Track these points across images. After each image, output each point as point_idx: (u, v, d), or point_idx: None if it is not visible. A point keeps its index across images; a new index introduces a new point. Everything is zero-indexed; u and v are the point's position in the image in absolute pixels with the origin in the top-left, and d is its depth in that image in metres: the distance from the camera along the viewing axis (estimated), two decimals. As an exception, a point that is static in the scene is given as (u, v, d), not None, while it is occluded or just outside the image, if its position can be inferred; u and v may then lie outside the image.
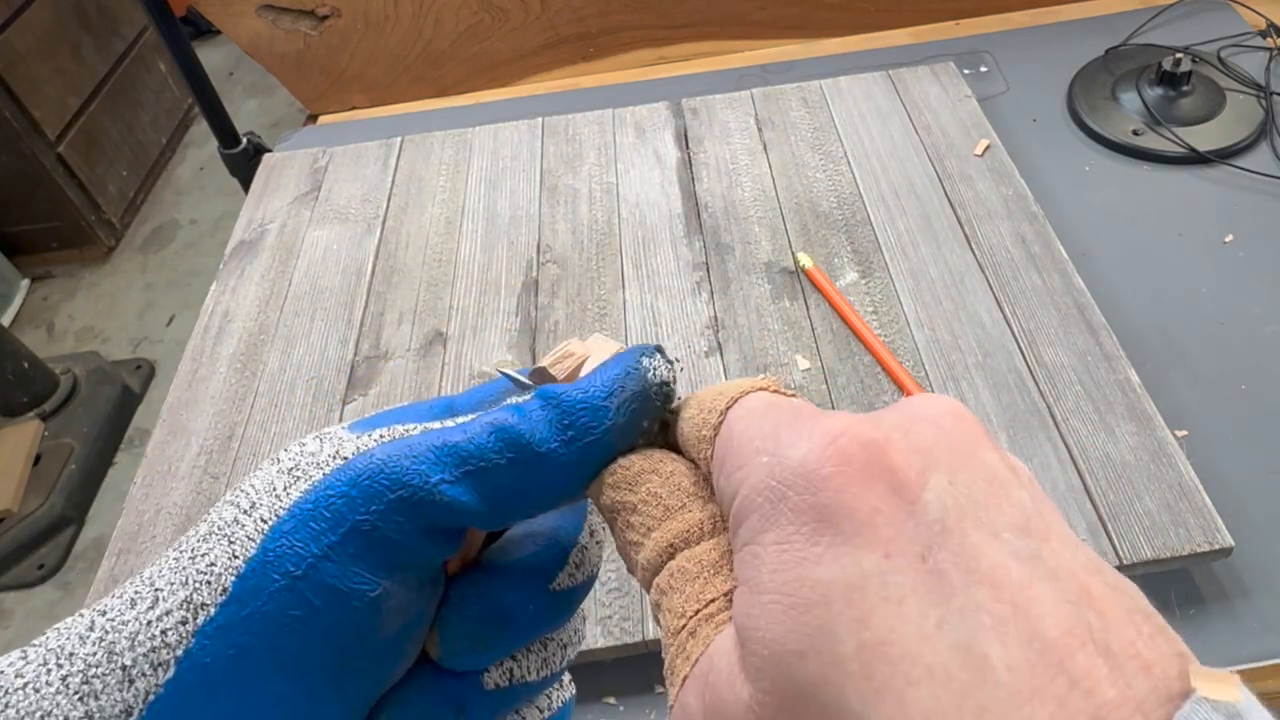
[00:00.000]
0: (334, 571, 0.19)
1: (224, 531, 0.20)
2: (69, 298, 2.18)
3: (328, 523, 0.19)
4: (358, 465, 0.20)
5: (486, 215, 0.78)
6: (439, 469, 0.20)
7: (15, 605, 1.58)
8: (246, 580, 0.19)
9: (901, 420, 0.18)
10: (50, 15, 2.15)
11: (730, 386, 0.22)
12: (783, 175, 0.77)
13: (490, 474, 0.20)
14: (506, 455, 0.20)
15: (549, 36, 1.00)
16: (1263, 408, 0.59)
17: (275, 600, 0.19)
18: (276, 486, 0.20)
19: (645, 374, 0.22)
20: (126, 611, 0.19)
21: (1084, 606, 0.15)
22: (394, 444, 0.21)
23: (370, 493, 0.20)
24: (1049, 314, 0.62)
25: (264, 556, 0.19)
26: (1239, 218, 0.71)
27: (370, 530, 0.19)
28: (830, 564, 0.16)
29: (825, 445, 0.18)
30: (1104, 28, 0.90)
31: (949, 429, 0.18)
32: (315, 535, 0.19)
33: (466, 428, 0.21)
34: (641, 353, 0.22)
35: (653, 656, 0.51)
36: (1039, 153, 0.79)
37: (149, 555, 0.58)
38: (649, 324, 0.67)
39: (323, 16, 0.96)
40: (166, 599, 0.19)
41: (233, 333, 0.72)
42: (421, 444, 0.20)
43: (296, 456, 0.21)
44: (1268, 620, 0.50)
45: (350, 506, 0.20)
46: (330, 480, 0.20)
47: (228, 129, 0.98)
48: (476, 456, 0.20)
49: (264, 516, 0.20)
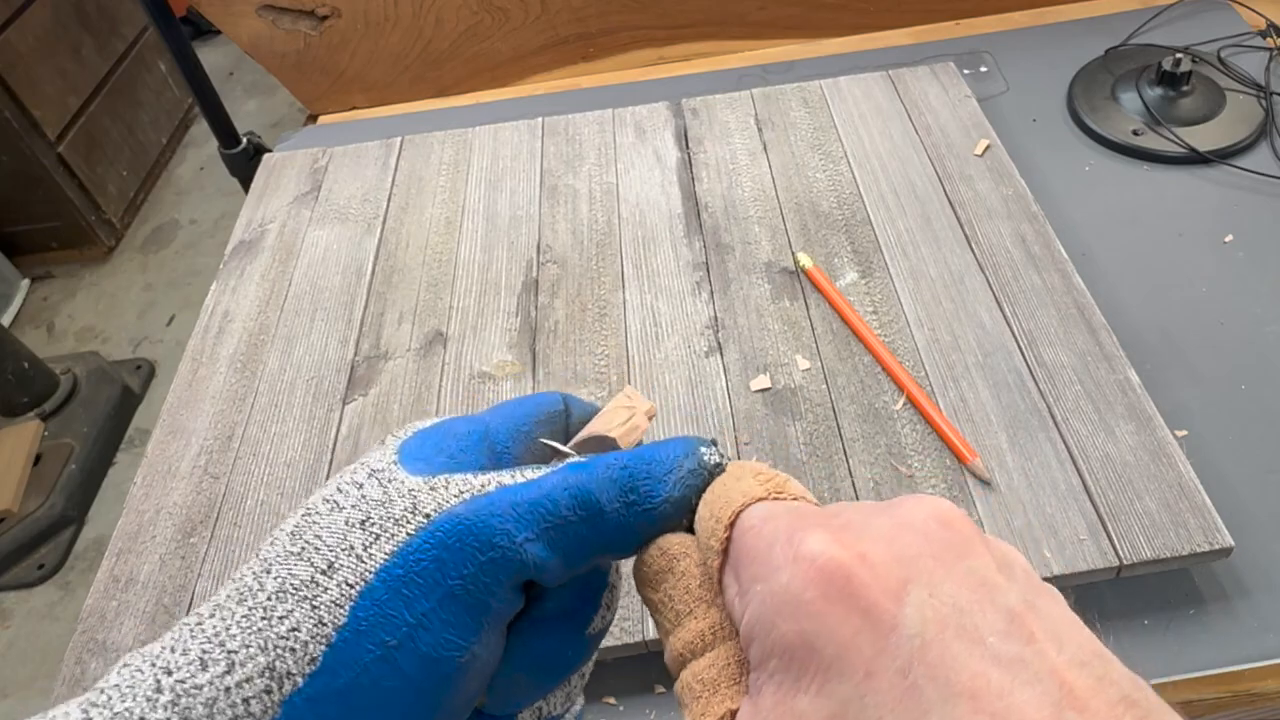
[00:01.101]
0: (428, 639, 0.19)
1: (302, 593, 0.19)
2: (69, 298, 2.18)
3: (421, 589, 0.19)
4: (445, 526, 0.20)
5: (486, 215, 0.78)
6: (522, 527, 0.21)
7: (15, 605, 1.58)
8: (339, 651, 0.19)
9: (888, 529, 0.19)
10: (50, 15, 2.14)
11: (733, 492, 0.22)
12: (783, 175, 0.77)
13: (565, 530, 0.21)
14: (579, 513, 0.21)
15: (549, 37, 1.00)
16: (1263, 408, 0.59)
17: (370, 672, 0.19)
18: (355, 545, 0.20)
19: (703, 456, 0.23)
20: (199, 674, 0.18)
21: (1065, 708, 0.15)
22: (475, 502, 0.21)
23: (462, 555, 0.20)
24: (1049, 314, 0.62)
25: (356, 625, 0.19)
26: (1239, 218, 0.71)
27: (463, 594, 0.20)
28: (814, 696, 0.17)
29: (806, 570, 0.18)
30: (1104, 28, 0.90)
31: (934, 536, 0.19)
32: (409, 602, 0.19)
33: (541, 484, 0.22)
34: (699, 441, 0.24)
35: (653, 656, 0.51)
36: (1039, 153, 0.79)
37: (149, 555, 0.58)
38: (649, 324, 0.67)
39: (323, 16, 0.96)
40: (245, 664, 0.18)
41: (233, 333, 0.72)
42: (502, 502, 0.21)
43: (364, 507, 0.21)
44: (1268, 620, 0.50)
45: (443, 571, 0.20)
46: (418, 542, 0.20)
47: (228, 129, 0.98)
48: (553, 514, 0.21)
49: (349, 580, 0.19)
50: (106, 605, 0.56)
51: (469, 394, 0.64)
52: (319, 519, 0.21)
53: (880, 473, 0.55)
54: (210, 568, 0.57)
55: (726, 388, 0.61)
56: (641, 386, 0.62)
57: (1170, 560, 0.49)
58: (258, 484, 0.61)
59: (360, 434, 0.63)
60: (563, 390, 0.63)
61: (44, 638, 1.53)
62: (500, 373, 0.65)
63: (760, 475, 0.23)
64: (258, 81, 2.76)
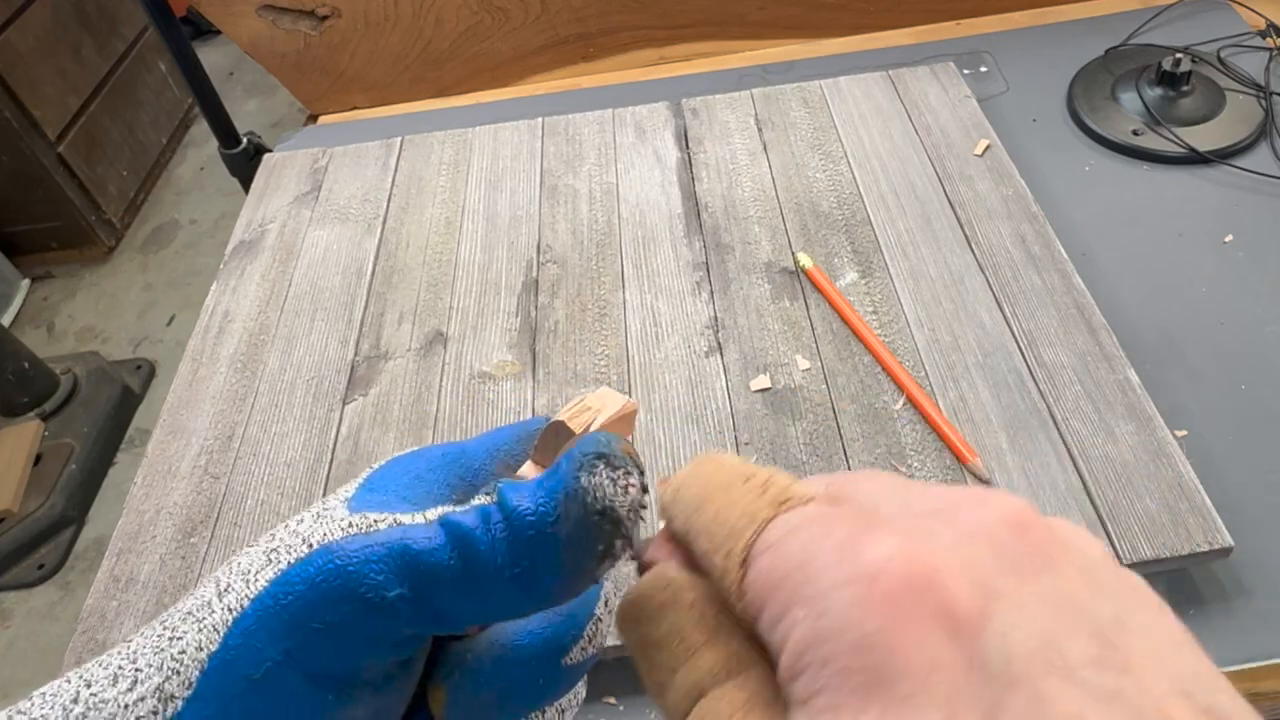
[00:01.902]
0: (291, 678, 0.19)
1: (197, 615, 0.19)
2: (69, 298, 2.18)
3: (284, 625, 0.19)
4: (317, 562, 0.19)
5: (486, 215, 0.78)
6: (396, 581, 0.19)
7: (15, 605, 1.58)
8: (210, 678, 0.19)
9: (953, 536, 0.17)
10: (50, 15, 2.15)
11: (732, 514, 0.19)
12: (783, 175, 0.77)
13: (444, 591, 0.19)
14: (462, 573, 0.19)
15: (549, 37, 1.00)
16: (1263, 408, 0.59)
17: (236, 704, 0.19)
18: (251, 570, 0.20)
19: (584, 498, 0.19)
20: (109, 689, 0.19)
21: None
22: (356, 540, 0.19)
23: (326, 598, 0.19)
24: (1049, 314, 0.62)
25: (225, 654, 0.19)
26: (1239, 218, 0.71)
27: (325, 635, 0.19)
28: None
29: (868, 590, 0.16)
30: (1104, 28, 0.90)
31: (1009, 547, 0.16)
32: (274, 637, 0.19)
33: (430, 533, 0.20)
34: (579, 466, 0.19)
35: (653, 656, 0.51)
36: (1039, 153, 0.79)
37: (149, 555, 0.58)
38: (649, 324, 0.67)
39: (323, 16, 0.96)
40: (143, 682, 0.19)
41: (233, 333, 0.72)
42: (383, 546, 0.19)
43: (283, 536, 0.20)
44: (1268, 620, 0.50)
45: (307, 610, 0.19)
46: (291, 574, 0.19)
47: (228, 129, 0.98)
48: (434, 571, 0.19)
49: (231, 605, 0.19)
50: (106, 605, 0.56)
51: (469, 394, 0.64)
52: (254, 546, 0.21)
53: (880, 473, 0.55)
54: (210, 568, 0.57)
55: (726, 388, 0.61)
56: (641, 386, 0.62)
57: (1170, 560, 0.49)
58: (258, 484, 0.61)
59: (360, 434, 0.63)
60: (564, 391, 0.63)
61: (44, 638, 1.53)
62: (500, 373, 0.65)
63: (752, 482, 0.20)
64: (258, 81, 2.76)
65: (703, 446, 0.58)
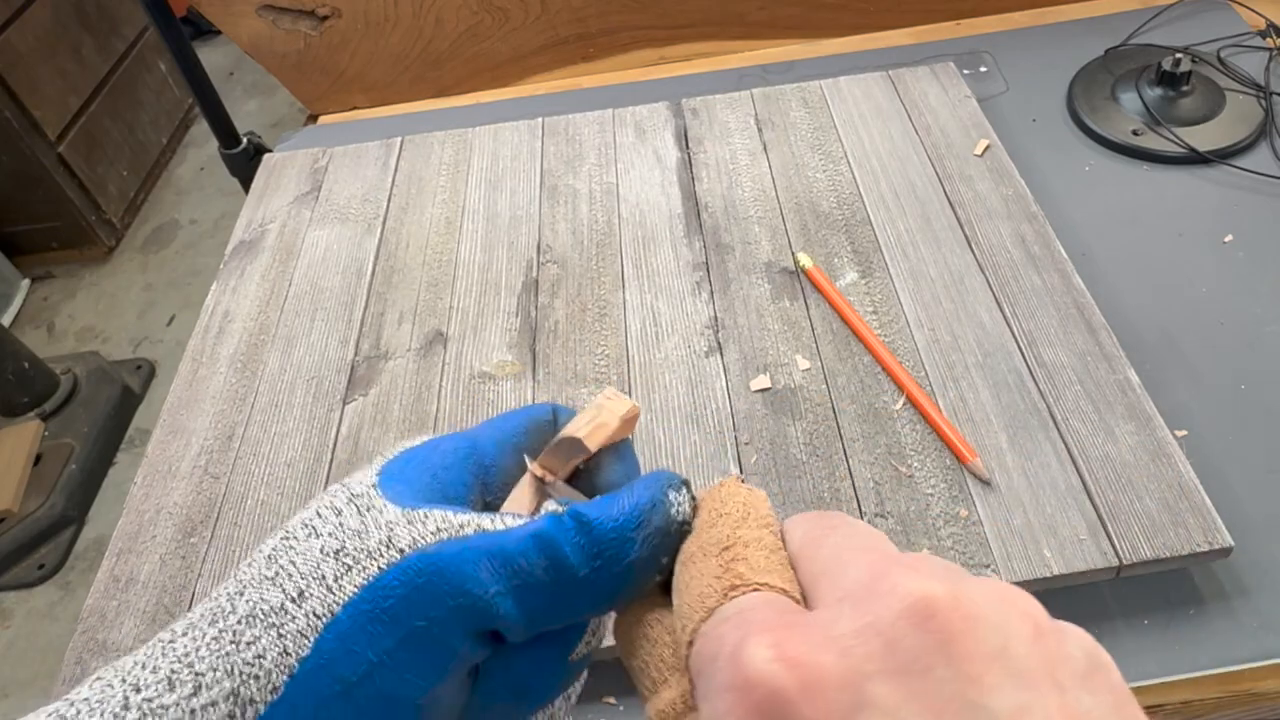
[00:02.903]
0: (389, 679, 0.19)
1: (270, 620, 0.19)
2: (69, 298, 2.18)
3: (385, 626, 0.19)
4: (417, 565, 0.20)
5: (486, 215, 0.78)
6: (495, 579, 0.20)
7: (15, 605, 1.58)
8: (300, 682, 0.19)
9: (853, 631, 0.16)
10: (50, 15, 2.14)
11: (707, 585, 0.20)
12: (783, 175, 0.77)
13: (535, 590, 0.21)
14: (551, 574, 0.21)
15: (549, 37, 1.00)
16: (1263, 408, 0.59)
17: (329, 707, 0.19)
18: (326, 575, 0.20)
19: (670, 510, 0.22)
20: (166, 694, 0.18)
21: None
22: (451, 544, 0.20)
23: (431, 598, 0.19)
24: (1049, 314, 0.62)
25: (318, 659, 0.19)
26: (1239, 218, 0.71)
27: (427, 637, 0.19)
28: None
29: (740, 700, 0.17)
30: (1104, 28, 0.90)
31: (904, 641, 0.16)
32: (373, 639, 0.19)
33: (518, 537, 0.21)
34: (668, 485, 0.22)
35: (653, 656, 0.51)
36: (1039, 153, 0.79)
37: (149, 555, 0.58)
38: (649, 324, 0.67)
39: (323, 17, 0.96)
40: (210, 688, 0.18)
41: (233, 333, 0.72)
42: (477, 549, 0.20)
43: (340, 535, 0.21)
44: (1268, 620, 0.50)
45: (408, 610, 0.19)
46: (388, 579, 0.20)
47: (228, 129, 0.98)
48: (526, 572, 0.20)
49: (316, 610, 0.19)
50: (106, 605, 0.56)
51: (469, 394, 0.64)
52: (295, 544, 0.21)
53: (880, 473, 0.55)
54: (210, 568, 0.57)
55: (726, 388, 0.61)
56: (641, 386, 0.62)
57: (1170, 560, 0.49)
58: (258, 484, 0.61)
59: (360, 434, 0.63)
60: (564, 390, 0.64)
61: (44, 638, 1.53)
62: (500, 373, 0.65)
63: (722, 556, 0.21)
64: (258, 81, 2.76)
65: (703, 446, 0.58)
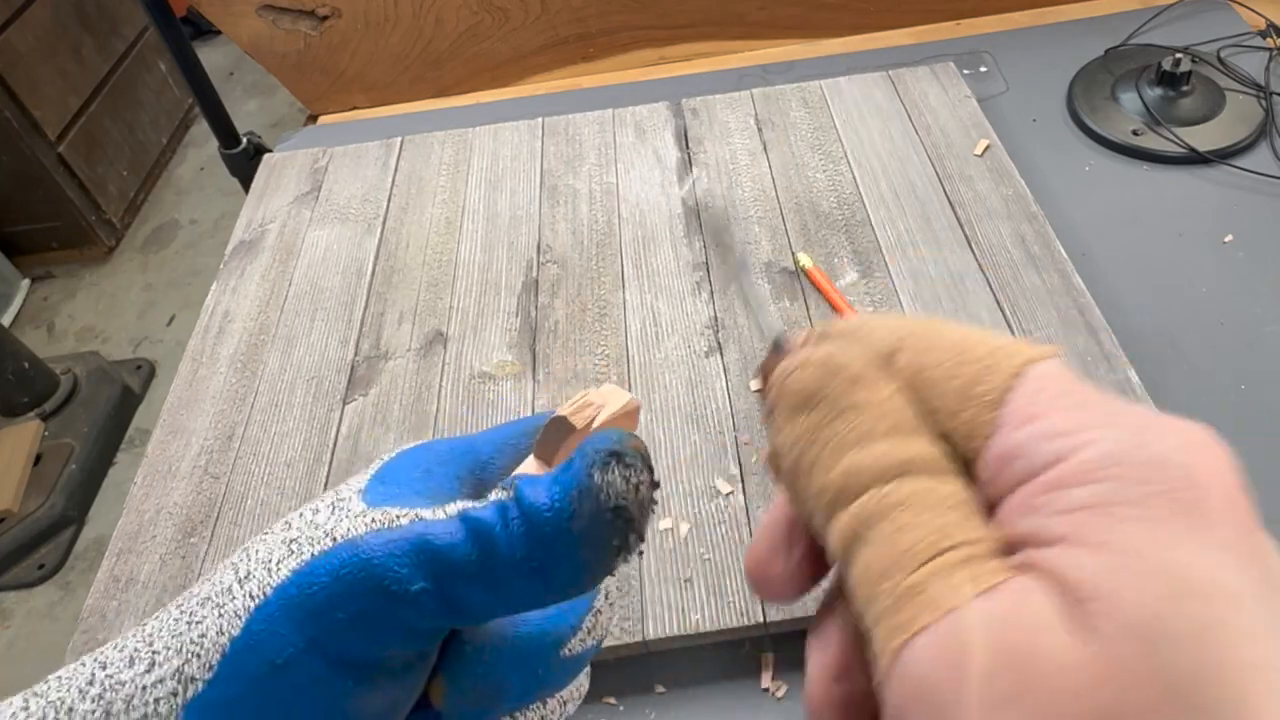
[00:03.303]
0: (314, 664, 0.19)
1: (217, 601, 0.20)
2: (69, 298, 2.18)
3: (309, 614, 0.19)
4: (341, 556, 0.20)
5: (486, 215, 0.78)
6: (419, 574, 0.19)
7: (15, 605, 1.58)
8: (231, 661, 0.19)
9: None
10: (50, 15, 2.15)
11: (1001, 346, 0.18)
12: (783, 175, 0.77)
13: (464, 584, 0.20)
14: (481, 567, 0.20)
15: (549, 37, 1.00)
16: (1263, 408, 0.59)
17: (257, 687, 0.19)
18: (272, 559, 0.20)
19: (597, 494, 0.19)
20: (125, 670, 0.19)
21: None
22: (379, 535, 0.20)
23: (351, 589, 0.19)
24: (1049, 314, 0.62)
25: (247, 639, 0.19)
26: (1239, 218, 0.71)
27: (349, 625, 0.19)
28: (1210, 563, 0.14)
29: (1194, 440, 0.16)
30: (1104, 28, 0.90)
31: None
32: (298, 624, 0.19)
33: (451, 528, 0.20)
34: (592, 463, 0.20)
35: (653, 656, 0.51)
36: (1039, 153, 0.79)
37: (149, 555, 0.58)
38: (649, 324, 0.67)
39: (323, 17, 0.96)
40: (161, 665, 0.19)
41: (233, 333, 0.72)
42: (406, 541, 0.20)
43: (301, 527, 0.21)
44: (1268, 620, 0.50)
45: (330, 602, 0.19)
46: (315, 565, 0.20)
47: (228, 129, 0.98)
48: (455, 565, 0.19)
49: (253, 592, 0.20)
50: (106, 605, 0.56)
51: (469, 394, 0.64)
52: (269, 535, 0.21)
53: (880, 473, 0.55)
54: (210, 567, 0.57)
55: (726, 388, 0.61)
56: (641, 386, 0.62)
57: (1170, 560, 0.49)
58: (258, 484, 0.61)
59: (360, 434, 0.63)
60: (563, 390, 0.63)
61: (44, 638, 1.53)
62: (500, 373, 0.65)
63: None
64: (258, 81, 2.76)
65: (703, 446, 0.58)
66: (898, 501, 0.17)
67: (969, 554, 0.16)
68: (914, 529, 0.16)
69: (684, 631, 0.49)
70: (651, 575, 0.52)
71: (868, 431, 0.18)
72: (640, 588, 0.51)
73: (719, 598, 0.50)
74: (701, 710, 0.50)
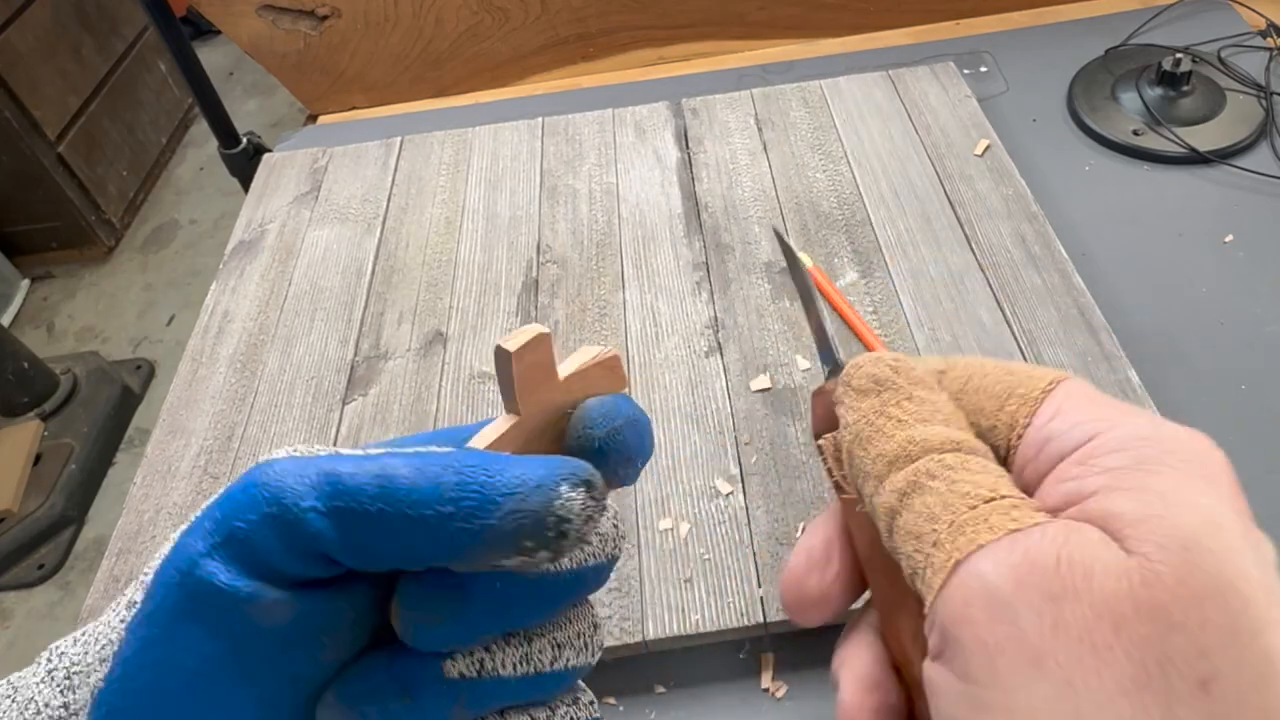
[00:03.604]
0: (213, 569, 0.20)
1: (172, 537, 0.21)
2: (69, 298, 2.18)
3: (214, 524, 0.20)
4: (254, 474, 0.20)
5: (486, 215, 0.78)
6: (313, 495, 0.20)
7: (15, 605, 1.58)
8: (158, 577, 0.21)
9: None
10: (50, 15, 2.15)
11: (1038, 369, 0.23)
12: (783, 175, 0.76)
13: (359, 519, 0.19)
14: (378, 505, 0.19)
15: (549, 37, 1.00)
16: (1263, 408, 0.59)
17: (171, 594, 0.20)
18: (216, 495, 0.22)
19: (553, 501, 0.19)
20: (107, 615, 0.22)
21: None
22: (290, 461, 0.21)
23: (250, 502, 0.20)
24: (1049, 314, 0.62)
25: (171, 556, 0.21)
26: (1239, 218, 0.71)
27: (244, 538, 0.20)
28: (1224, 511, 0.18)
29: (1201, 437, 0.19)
30: (1104, 28, 0.90)
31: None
32: (204, 534, 0.20)
33: (361, 462, 0.20)
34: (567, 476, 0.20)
35: (652, 656, 0.51)
36: (1039, 153, 0.79)
37: (149, 555, 0.58)
38: (649, 324, 0.67)
39: (323, 16, 0.96)
40: (122, 603, 0.22)
41: (233, 333, 0.72)
42: (313, 466, 0.20)
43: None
44: (1268, 620, 0.50)
45: (234, 511, 0.20)
46: (233, 486, 0.21)
47: (228, 129, 0.98)
48: (350, 494, 0.20)
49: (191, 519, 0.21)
50: (106, 605, 0.56)
51: (469, 394, 0.64)
52: None
53: (880, 473, 0.55)
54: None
55: (726, 388, 0.61)
56: (641, 386, 0.62)
57: (1170, 560, 0.49)
58: (258, 484, 0.61)
59: (360, 434, 0.63)
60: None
61: (44, 638, 1.53)
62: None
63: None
64: (258, 81, 2.76)
65: (703, 446, 0.58)
66: (953, 464, 0.20)
67: (1021, 503, 0.19)
68: (969, 482, 0.20)
69: (684, 631, 0.49)
70: (651, 575, 0.52)
71: (928, 416, 0.21)
72: (640, 588, 0.51)
73: (719, 598, 0.50)
74: (701, 710, 0.50)
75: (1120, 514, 0.18)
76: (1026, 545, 0.18)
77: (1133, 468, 0.19)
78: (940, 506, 0.19)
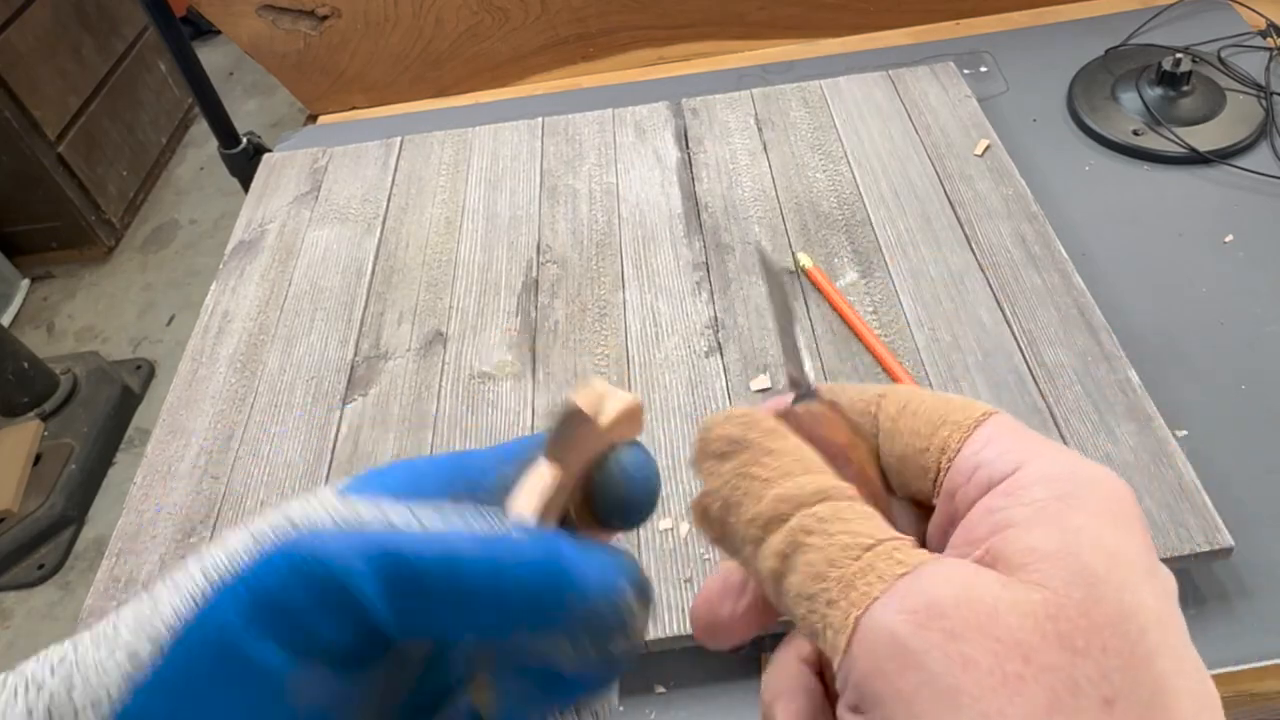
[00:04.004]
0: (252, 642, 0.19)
1: (181, 585, 0.20)
2: (69, 298, 2.18)
3: (250, 591, 0.19)
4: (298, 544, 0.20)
5: (486, 215, 0.78)
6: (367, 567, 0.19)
7: (15, 605, 1.58)
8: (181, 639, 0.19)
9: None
10: (50, 15, 2.15)
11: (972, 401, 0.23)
12: (783, 175, 0.77)
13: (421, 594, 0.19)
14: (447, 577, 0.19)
15: (549, 37, 1.00)
16: (1263, 408, 0.59)
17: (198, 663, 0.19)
18: (240, 548, 0.20)
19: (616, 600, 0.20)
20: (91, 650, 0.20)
21: None
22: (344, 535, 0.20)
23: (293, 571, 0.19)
24: (1049, 314, 0.62)
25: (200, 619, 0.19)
26: (1239, 218, 0.71)
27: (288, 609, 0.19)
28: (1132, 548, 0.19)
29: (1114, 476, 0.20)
30: (1104, 28, 0.90)
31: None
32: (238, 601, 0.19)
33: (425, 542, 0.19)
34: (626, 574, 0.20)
35: (652, 657, 0.51)
36: (1039, 153, 0.79)
37: (149, 555, 0.58)
38: (649, 324, 0.67)
39: (323, 16, 0.96)
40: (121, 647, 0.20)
41: (233, 333, 0.72)
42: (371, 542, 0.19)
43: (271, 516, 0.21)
44: (1268, 620, 0.50)
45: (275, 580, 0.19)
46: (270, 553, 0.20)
47: (228, 129, 0.98)
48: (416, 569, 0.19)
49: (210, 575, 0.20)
50: (106, 605, 0.56)
51: (469, 394, 0.64)
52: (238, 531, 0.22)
53: (880, 473, 0.55)
54: (210, 568, 0.57)
55: (726, 388, 0.61)
56: (641, 386, 0.62)
57: (1170, 560, 0.49)
58: (257, 484, 0.61)
59: (360, 434, 0.63)
60: (563, 391, 0.63)
61: (44, 638, 1.53)
62: (500, 373, 0.65)
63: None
64: (258, 81, 2.76)
65: (703, 446, 0.58)
66: (826, 516, 0.20)
67: (901, 544, 0.20)
68: (847, 533, 0.20)
69: (684, 632, 0.49)
70: (652, 575, 0.52)
71: (790, 468, 0.21)
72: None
73: (719, 598, 0.50)
74: (701, 710, 0.50)
75: (1036, 548, 0.19)
76: (922, 588, 0.19)
77: (1052, 501, 0.20)
78: (824, 563, 0.20)
